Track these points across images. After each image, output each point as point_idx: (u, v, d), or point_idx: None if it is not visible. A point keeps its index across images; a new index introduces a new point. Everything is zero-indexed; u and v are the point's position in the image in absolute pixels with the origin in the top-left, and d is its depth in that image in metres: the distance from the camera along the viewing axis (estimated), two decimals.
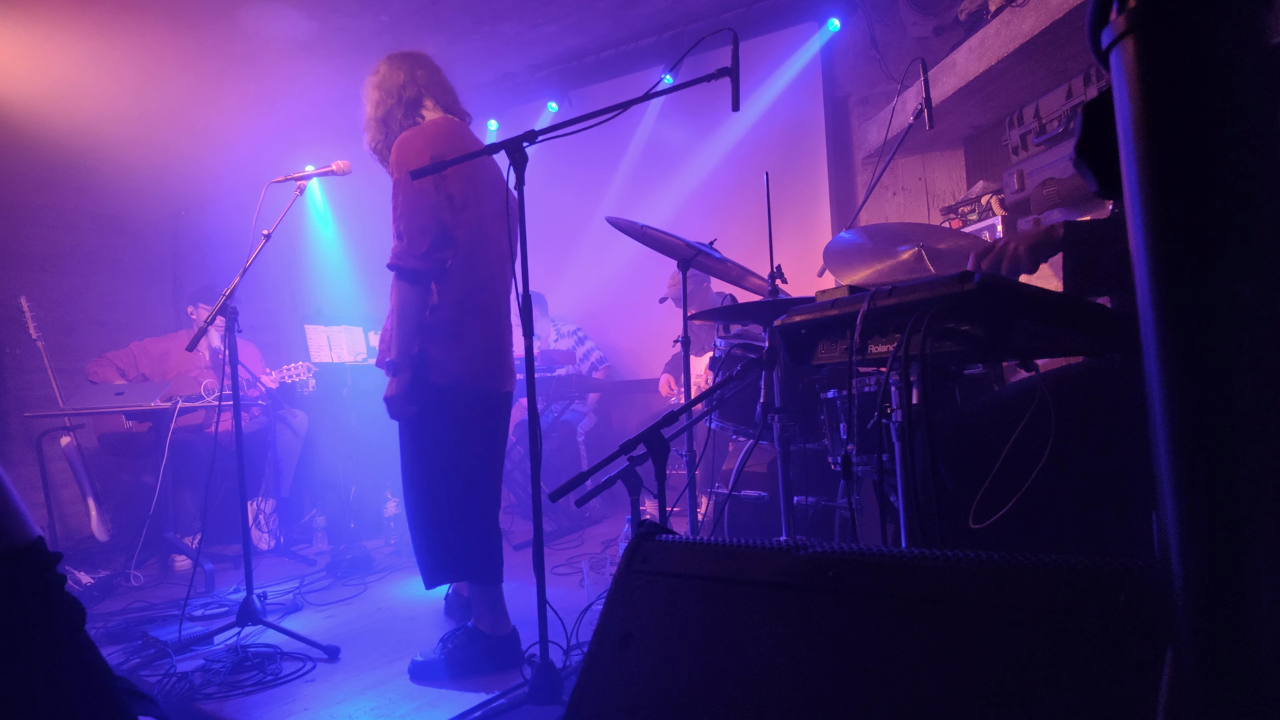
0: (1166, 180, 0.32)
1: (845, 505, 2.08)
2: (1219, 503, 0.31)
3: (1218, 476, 0.31)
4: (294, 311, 5.32)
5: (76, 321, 4.42)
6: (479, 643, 2.07)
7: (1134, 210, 0.34)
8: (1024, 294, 1.01)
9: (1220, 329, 0.30)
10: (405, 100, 2.14)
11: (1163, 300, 0.32)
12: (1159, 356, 0.32)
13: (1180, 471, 0.33)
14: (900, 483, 1.21)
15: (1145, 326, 0.33)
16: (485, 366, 2.08)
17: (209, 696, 2.00)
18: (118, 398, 3.35)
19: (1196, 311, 0.31)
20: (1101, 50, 0.36)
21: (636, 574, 0.77)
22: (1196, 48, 0.32)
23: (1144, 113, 0.33)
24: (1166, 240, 0.32)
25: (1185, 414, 0.32)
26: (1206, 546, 0.32)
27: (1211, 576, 0.32)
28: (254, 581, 2.44)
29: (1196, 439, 0.32)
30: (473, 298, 2.05)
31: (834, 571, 0.65)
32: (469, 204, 2.03)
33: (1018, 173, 2.88)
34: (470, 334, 2.04)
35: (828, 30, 4.27)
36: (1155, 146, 0.32)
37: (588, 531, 3.94)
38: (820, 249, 2.09)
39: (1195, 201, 0.32)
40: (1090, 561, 0.56)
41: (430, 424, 2.04)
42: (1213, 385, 0.30)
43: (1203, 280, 0.31)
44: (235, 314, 2.44)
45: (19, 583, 0.72)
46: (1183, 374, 0.31)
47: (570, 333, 4.68)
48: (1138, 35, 0.33)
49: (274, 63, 4.47)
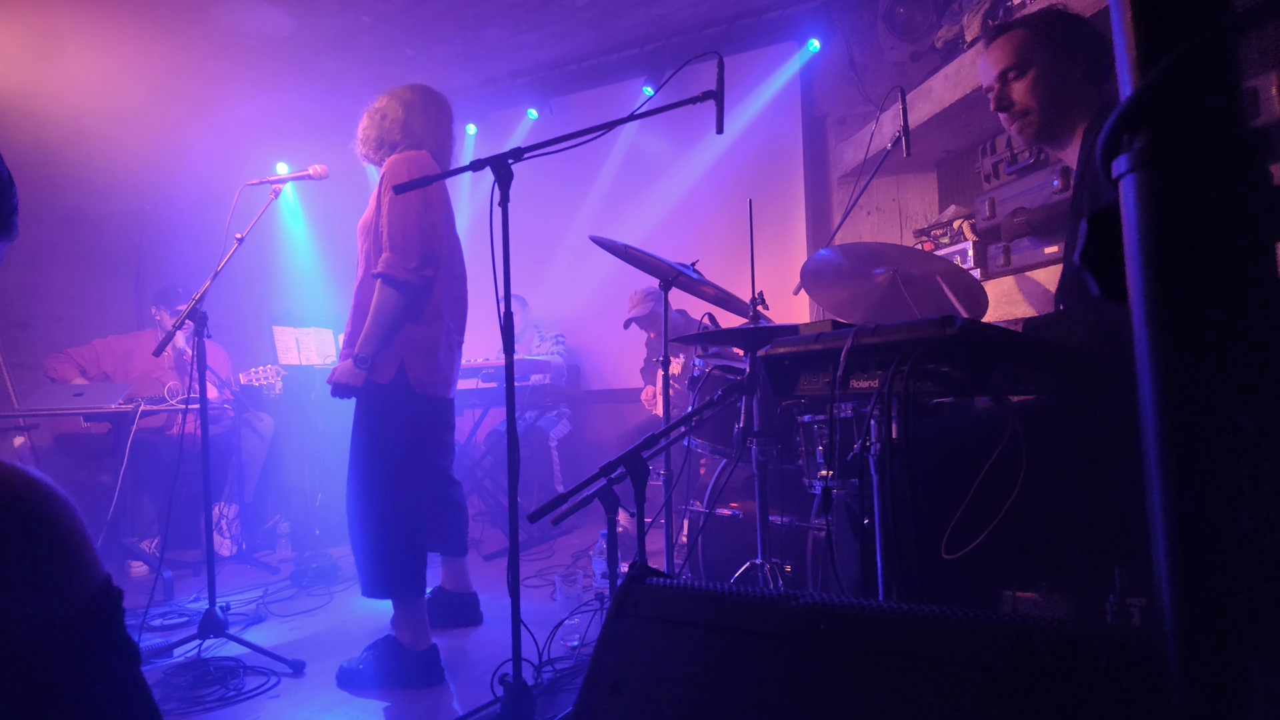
0: (1170, 314, 0.35)
1: (818, 526, 2.11)
2: (1218, 626, 0.33)
3: (1216, 601, 0.33)
4: (262, 312, 5.21)
5: (33, 316, 4.28)
6: (398, 656, 2.11)
7: (1140, 338, 0.36)
8: (1003, 339, 1.04)
9: (1221, 459, 0.32)
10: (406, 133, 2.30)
11: (1166, 429, 0.34)
12: (1160, 482, 0.34)
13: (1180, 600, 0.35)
14: (878, 514, 1.24)
15: (1149, 452, 0.36)
16: (442, 376, 2.27)
17: (169, 713, 1.94)
18: (76, 399, 3.25)
19: (1198, 442, 0.33)
20: (1112, 179, 0.38)
21: (627, 618, 0.78)
22: (1201, 189, 0.34)
23: (1150, 250, 0.35)
24: (1170, 370, 0.34)
25: (1185, 540, 0.34)
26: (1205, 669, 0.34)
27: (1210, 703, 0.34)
28: (216, 590, 2.39)
29: (1196, 564, 0.34)
30: (444, 315, 2.25)
31: (824, 624, 0.67)
32: (446, 233, 2.25)
33: (989, 200, 2.95)
34: (438, 347, 2.23)
35: (808, 50, 4.34)
36: (1159, 285, 0.34)
37: (559, 542, 3.93)
38: (795, 265, 2.12)
39: (1198, 334, 0.34)
40: (1071, 625, 0.58)
41: (391, 425, 2.17)
42: (1212, 512, 0.32)
43: (1205, 411, 0.33)
44: (205, 319, 2.39)
45: (93, 630, 0.66)
46: (1184, 499, 0.33)
47: (552, 338, 4.66)
48: (1146, 173, 0.35)
49: (248, 59, 4.38)
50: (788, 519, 2.21)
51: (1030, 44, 1.55)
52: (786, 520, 2.20)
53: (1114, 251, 0.37)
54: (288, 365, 4.10)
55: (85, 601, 0.66)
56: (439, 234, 2.20)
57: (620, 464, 1.56)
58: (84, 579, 0.67)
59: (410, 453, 2.19)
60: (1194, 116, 0.35)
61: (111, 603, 0.69)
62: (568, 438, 4.62)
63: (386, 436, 2.17)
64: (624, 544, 3.23)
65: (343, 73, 4.69)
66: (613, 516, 1.68)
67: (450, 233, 2.29)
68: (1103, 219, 0.38)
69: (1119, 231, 0.38)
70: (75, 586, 0.66)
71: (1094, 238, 0.38)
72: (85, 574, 0.67)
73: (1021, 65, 1.55)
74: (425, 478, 2.28)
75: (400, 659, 2.10)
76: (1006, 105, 1.59)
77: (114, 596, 0.70)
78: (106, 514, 3.20)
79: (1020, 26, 1.58)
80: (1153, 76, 0.34)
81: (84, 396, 3.27)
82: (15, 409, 3.37)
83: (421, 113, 2.28)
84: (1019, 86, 1.57)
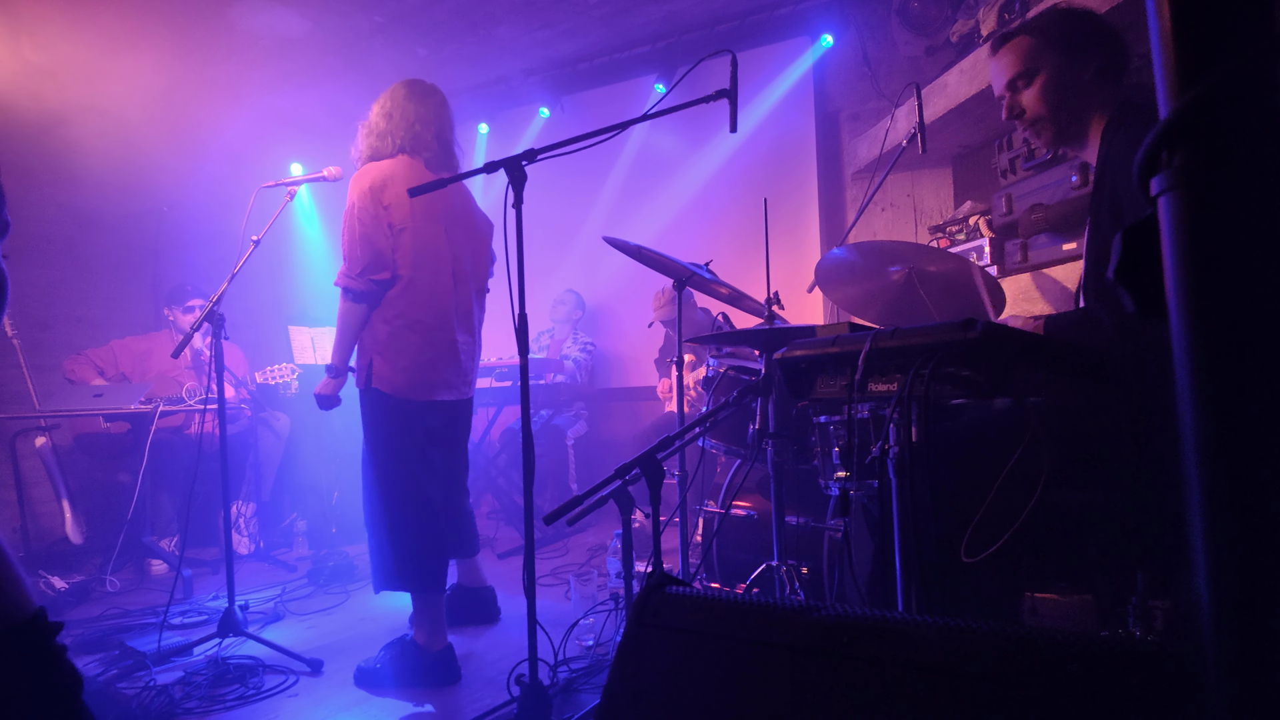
0: (1210, 336, 0.34)
1: (834, 526, 2.10)
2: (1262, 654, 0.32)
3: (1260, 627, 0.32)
4: (278, 312, 5.25)
5: (53, 317, 4.34)
6: (413, 656, 2.13)
7: (1180, 360, 0.35)
8: (1024, 342, 1.03)
9: (1264, 483, 0.31)
10: (376, 141, 2.28)
11: (1207, 452, 0.33)
12: (1202, 506, 0.33)
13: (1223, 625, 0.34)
14: (896, 518, 1.23)
15: (1189, 475, 0.35)
16: (420, 379, 2.22)
17: (189, 711, 1.97)
18: (96, 399, 3.29)
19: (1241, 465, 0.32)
20: (1151, 196, 0.37)
21: (647, 628, 0.78)
22: (1241, 209, 0.33)
23: (1189, 270, 0.34)
24: (1214, 396, 0.34)
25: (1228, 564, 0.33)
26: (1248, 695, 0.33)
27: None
28: (235, 589, 2.41)
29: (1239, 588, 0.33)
30: (408, 314, 2.20)
31: (848, 637, 0.66)
32: (406, 230, 2.18)
33: (1006, 196, 2.92)
34: (405, 349, 2.20)
35: (821, 46, 4.30)
36: (1199, 307, 0.34)
37: (573, 540, 3.93)
38: (809, 262, 2.11)
39: (1239, 356, 0.33)
40: (1100, 639, 0.57)
41: (374, 428, 2.23)
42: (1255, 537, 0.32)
43: (1247, 434, 0.32)
44: (222, 320, 2.41)
45: (20, 658, 0.67)
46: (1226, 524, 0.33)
47: (582, 344, 4.67)
48: (1185, 192, 0.34)
49: (263, 60, 4.41)
50: (803, 520, 2.20)
51: (1036, 49, 1.51)
52: (802, 521, 2.20)
53: (1149, 266, 0.37)
54: (303, 364, 4.13)
55: (18, 626, 0.68)
56: (394, 232, 2.16)
57: (635, 465, 1.56)
58: (15, 606, 0.69)
59: (405, 454, 2.21)
60: (1234, 136, 0.34)
61: (38, 634, 0.71)
62: (584, 438, 4.63)
63: (378, 437, 2.22)
64: (639, 540, 3.23)
65: (356, 73, 4.71)
66: (628, 518, 1.68)
67: (423, 231, 2.21)
68: (1137, 234, 0.37)
69: (1154, 246, 0.37)
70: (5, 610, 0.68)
71: (1129, 252, 0.38)
72: (16, 602, 0.70)
73: (1029, 72, 1.52)
74: (434, 477, 2.28)
75: (417, 658, 2.12)
76: (1018, 114, 1.56)
77: (42, 629, 0.71)
78: (127, 513, 3.24)
79: (1024, 33, 1.54)
80: (1193, 95, 0.34)
81: (104, 397, 3.31)
82: (37, 409, 3.42)
83: (401, 118, 2.26)
84: (1029, 94, 1.53)
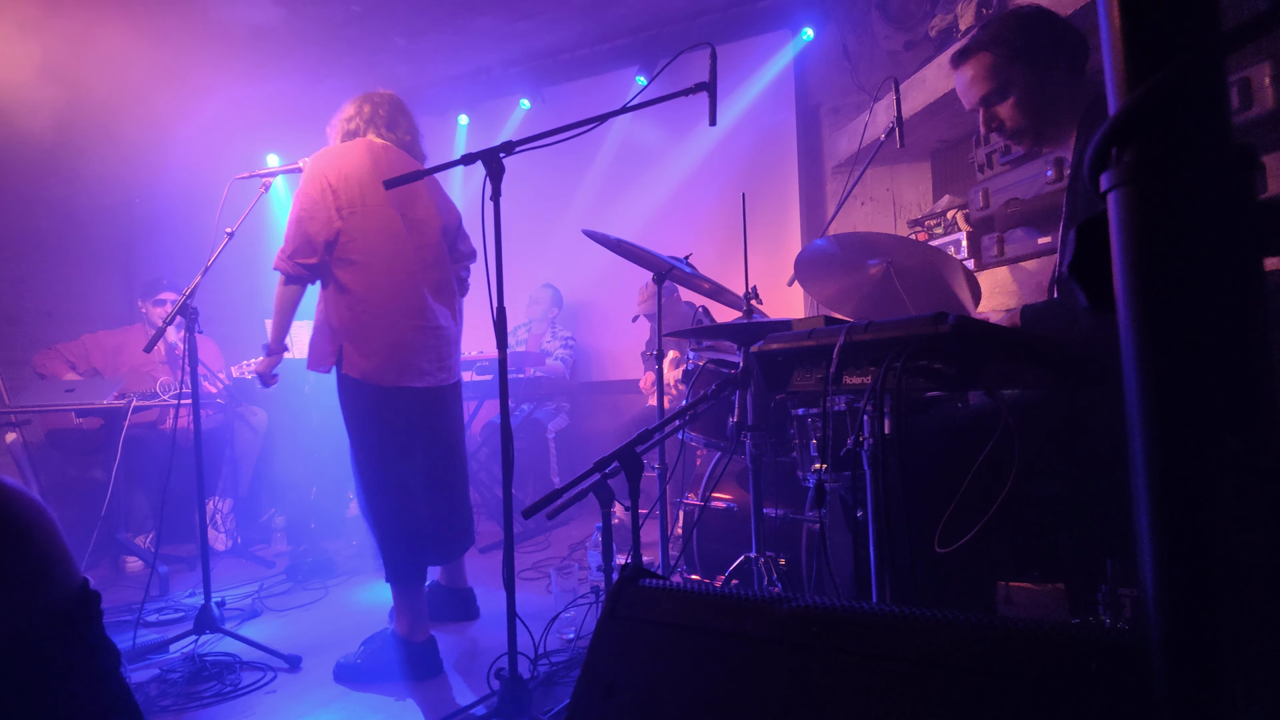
0: (1156, 330, 0.34)
1: (812, 518, 2.11)
2: (1203, 642, 0.34)
3: (1201, 618, 0.33)
4: (253, 305, 5.17)
5: (23, 311, 4.25)
6: (395, 648, 2.13)
7: (1128, 354, 0.36)
8: (995, 335, 1.04)
9: (1207, 477, 0.32)
10: (345, 133, 2.35)
11: (1152, 446, 0.34)
12: (1147, 500, 0.34)
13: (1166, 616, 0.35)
14: (871, 509, 1.24)
15: (1135, 469, 0.36)
16: (389, 365, 2.19)
17: (165, 709, 1.95)
18: (68, 394, 3.23)
19: (1185, 460, 0.33)
20: (1100, 192, 0.37)
21: (620, 620, 0.78)
22: (1188, 205, 0.34)
23: (1137, 265, 0.34)
24: (1157, 387, 0.34)
25: (1171, 557, 0.34)
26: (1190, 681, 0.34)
27: None
28: (211, 585, 2.39)
29: (1181, 580, 0.34)
30: (368, 300, 2.18)
31: (817, 628, 0.67)
32: (356, 213, 2.17)
33: (983, 190, 2.95)
34: (371, 335, 2.18)
35: (801, 39, 4.31)
36: (1146, 301, 0.34)
37: (554, 534, 3.93)
38: (789, 255, 2.12)
39: (1184, 351, 0.34)
40: (1063, 628, 0.58)
41: (349, 416, 2.23)
42: (1197, 530, 0.32)
43: (1191, 429, 0.33)
44: (196, 314, 2.38)
45: (70, 632, 0.67)
46: (1170, 517, 0.33)
47: (563, 339, 4.65)
48: (1133, 188, 0.35)
49: (237, 49, 4.33)
50: (782, 511, 2.21)
51: (1001, 65, 1.50)
52: (781, 513, 2.21)
53: (1103, 262, 0.37)
54: None
55: (62, 606, 0.67)
56: (343, 216, 2.15)
57: (614, 459, 1.56)
58: (60, 585, 0.68)
59: (382, 442, 2.20)
60: (1181, 132, 0.34)
61: (88, 606, 0.70)
62: (565, 430, 4.62)
63: (353, 425, 2.23)
64: (619, 535, 3.24)
65: (333, 63, 4.65)
66: (608, 511, 1.68)
67: (376, 214, 2.18)
68: (1091, 229, 0.38)
69: (1106, 241, 0.37)
70: (51, 592, 0.67)
71: (1083, 248, 0.38)
72: (61, 580, 0.68)
73: (1001, 90, 1.51)
74: (412, 466, 2.26)
75: (399, 650, 2.11)
76: (997, 127, 1.56)
77: (91, 600, 0.71)
78: (100, 510, 3.19)
79: (985, 49, 1.52)
80: (1140, 93, 0.34)
81: (76, 392, 3.25)
82: (7, 405, 3.35)
83: (373, 108, 2.34)
84: (1005, 109, 1.52)
